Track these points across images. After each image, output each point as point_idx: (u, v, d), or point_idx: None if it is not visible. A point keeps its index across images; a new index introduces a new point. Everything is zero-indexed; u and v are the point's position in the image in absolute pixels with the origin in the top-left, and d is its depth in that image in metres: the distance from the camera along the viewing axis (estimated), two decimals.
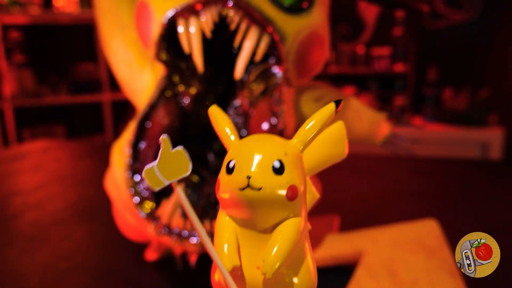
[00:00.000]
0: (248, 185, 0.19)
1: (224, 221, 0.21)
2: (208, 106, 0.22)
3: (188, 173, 0.19)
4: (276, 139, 0.20)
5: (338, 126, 0.24)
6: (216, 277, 0.21)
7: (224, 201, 0.20)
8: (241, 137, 0.21)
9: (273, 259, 0.19)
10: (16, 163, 0.94)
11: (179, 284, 0.44)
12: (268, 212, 0.19)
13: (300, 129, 0.21)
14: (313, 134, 0.20)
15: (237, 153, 0.20)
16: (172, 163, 0.19)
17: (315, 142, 0.22)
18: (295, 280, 0.20)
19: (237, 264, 0.19)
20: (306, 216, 0.21)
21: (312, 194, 0.24)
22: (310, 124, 0.20)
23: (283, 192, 0.19)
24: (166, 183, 0.19)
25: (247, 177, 0.19)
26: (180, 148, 0.19)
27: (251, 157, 0.19)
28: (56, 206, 0.66)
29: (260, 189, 0.19)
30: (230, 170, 0.19)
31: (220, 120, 0.22)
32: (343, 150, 0.24)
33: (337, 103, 0.20)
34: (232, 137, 0.21)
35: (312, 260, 0.21)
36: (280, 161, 0.19)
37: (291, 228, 0.20)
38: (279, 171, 0.19)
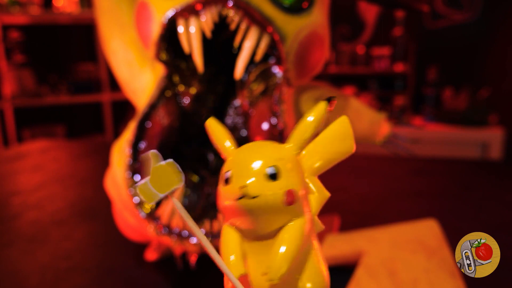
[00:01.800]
0: (244, 195, 0.19)
1: (228, 232, 0.21)
2: (205, 119, 0.22)
3: (181, 184, 0.19)
4: (270, 146, 0.20)
5: (343, 121, 0.23)
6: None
7: (225, 211, 0.20)
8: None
9: (277, 265, 0.19)
10: (16, 163, 0.94)
11: (179, 284, 0.44)
12: (269, 219, 0.19)
13: (293, 132, 0.21)
14: (308, 134, 0.20)
15: (232, 163, 0.20)
16: (164, 176, 0.19)
17: (320, 141, 0.21)
18: (308, 285, 0.20)
19: (243, 273, 0.19)
20: (311, 217, 0.21)
21: (322, 193, 0.23)
22: (302, 125, 0.20)
23: (280, 197, 0.19)
24: (161, 196, 0.19)
25: (243, 186, 0.19)
26: (170, 160, 0.19)
27: (245, 166, 0.19)
28: (56, 206, 0.66)
29: (256, 197, 0.19)
30: (227, 181, 0.19)
31: (218, 134, 0.22)
32: (351, 145, 0.23)
33: (328, 100, 0.20)
34: (228, 144, 0.22)
35: (323, 262, 0.21)
36: (274, 167, 0.19)
37: (294, 231, 0.19)
38: (274, 177, 0.19)
